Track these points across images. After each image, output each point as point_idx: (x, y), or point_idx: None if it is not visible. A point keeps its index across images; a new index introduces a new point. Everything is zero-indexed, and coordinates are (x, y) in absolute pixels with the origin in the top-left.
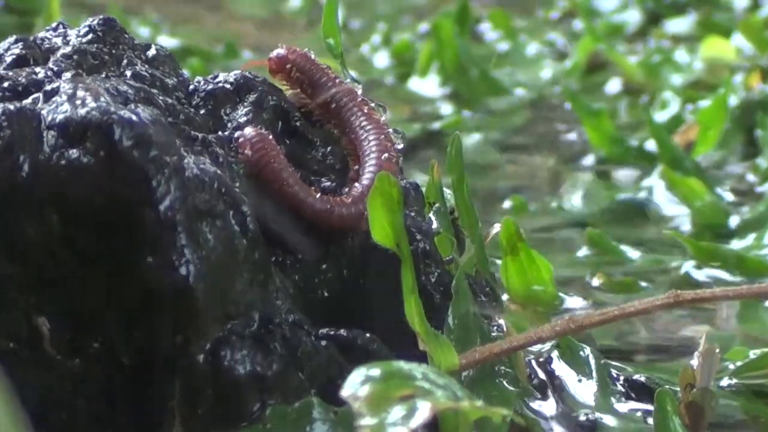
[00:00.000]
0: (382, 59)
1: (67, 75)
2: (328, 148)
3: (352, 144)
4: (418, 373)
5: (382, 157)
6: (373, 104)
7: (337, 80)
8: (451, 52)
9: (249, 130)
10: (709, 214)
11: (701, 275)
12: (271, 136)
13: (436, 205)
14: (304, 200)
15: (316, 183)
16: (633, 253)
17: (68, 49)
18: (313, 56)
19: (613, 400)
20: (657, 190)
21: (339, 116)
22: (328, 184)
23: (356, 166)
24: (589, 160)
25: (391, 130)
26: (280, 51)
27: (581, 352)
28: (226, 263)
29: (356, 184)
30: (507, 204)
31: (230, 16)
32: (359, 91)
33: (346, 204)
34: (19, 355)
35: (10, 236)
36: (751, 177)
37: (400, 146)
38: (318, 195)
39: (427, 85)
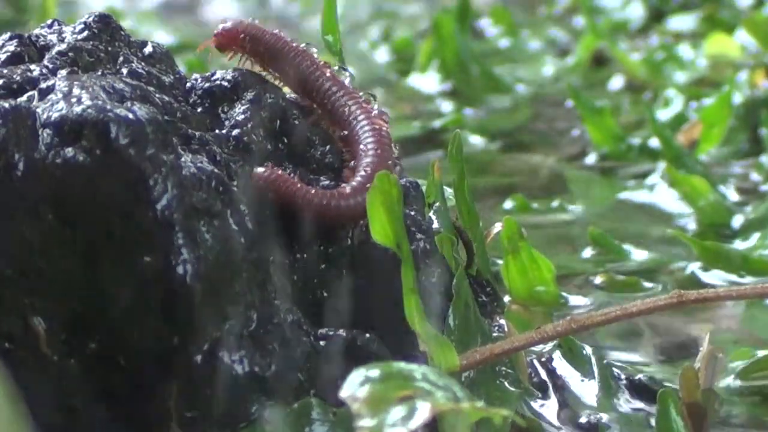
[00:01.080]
0: (381, 55)
1: (63, 72)
2: (327, 147)
3: (342, 130)
4: (418, 374)
5: (379, 150)
6: (350, 85)
7: (299, 48)
8: (451, 49)
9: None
10: (713, 214)
11: (705, 275)
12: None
13: (437, 204)
14: (303, 195)
15: (315, 181)
16: (636, 252)
17: (63, 46)
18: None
19: (615, 400)
20: (660, 189)
21: (324, 103)
22: (327, 182)
23: (350, 158)
24: (591, 158)
25: (377, 112)
26: (226, 24)
27: (583, 352)
28: (224, 263)
29: (355, 177)
30: (508, 203)
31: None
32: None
33: (345, 196)
34: (15, 355)
35: (6, 236)
36: (755, 176)
37: (390, 129)
38: (315, 190)
39: (427, 82)
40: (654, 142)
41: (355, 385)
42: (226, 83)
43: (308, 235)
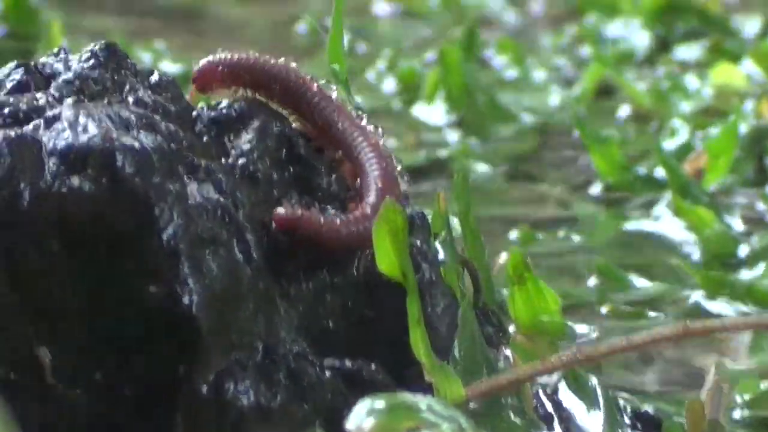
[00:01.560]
0: (388, 86)
1: (69, 101)
2: (333, 176)
3: (347, 158)
4: (424, 405)
5: (385, 178)
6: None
7: (308, 80)
8: (457, 79)
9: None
10: (719, 243)
11: (711, 305)
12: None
13: (442, 234)
14: (329, 229)
15: (322, 210)
16: (641, 282)
17: (70, 74)
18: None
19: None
20: (666, 219)
21: (328, 131)
22: (334, 212)
23: (355, 184)
24: (597, 187)
25: (380, 135)
26: (200, 65)
27: (589, 384)
28: (229, 293)
29: (361, 204)
30: (514, 233)
31: (237, 43)
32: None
33: (350, 223)
34: (20, 385)
35: (12, 264)
36: (761, 205)
37: (399, 168)
38: (320, 216)
39: (433, 112)
40: (660, 172)
41: (361, 417)
42: (232, 112)
43: (314, 264)
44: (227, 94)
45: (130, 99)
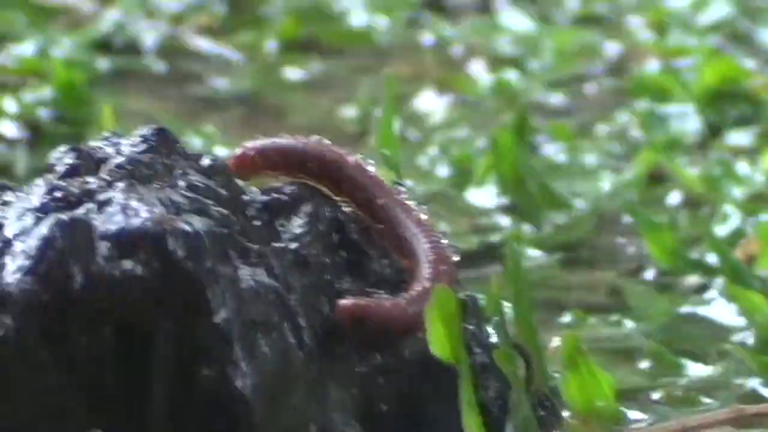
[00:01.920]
0: (441, 171)
1: (121, 185)
2: (385, 261)
3: (402, 245)
4: None
5: (438, 263)
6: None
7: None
8: (509, 164)
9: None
10: None
11: (765, 390)
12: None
13: (495, 318)
14: (398, 311)
15: (374, 295)
16: (695, 368)
17: (121, 159)
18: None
19: None
20: (718, 304)
21: (384, 218)
22: (386, 296)
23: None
24: (649, 273)
25: (441, 235)
26: (237, 152)
27: None
28: (282, 376)
29: (413, 288)
30: (567, 317)
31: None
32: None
33: (403, 306)
34: None
35: (64, 348)
36: None
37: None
38: (383, 301)
39: (485, 196)
40: (712, 257)
41: None
42: (284, 196)
43: (367, 347)
44: (270, 179)
45: (182, 183)
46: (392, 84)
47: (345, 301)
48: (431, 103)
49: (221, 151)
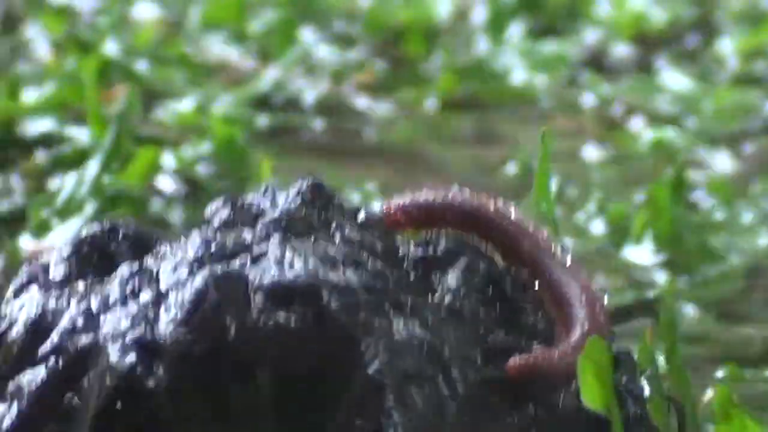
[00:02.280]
0: (597, 227)
1: (275, 238)
2: (539, 314)
3: (553, 297)
4: None
5: (591, 315)
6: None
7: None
8: (666, 220)
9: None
10: None
11: None
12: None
13: (648, 370)
14: (564, 360)
15: (528, 347)
16: None
17: (276, 212)
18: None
19: None
20: None
21: (531, 264)
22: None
23: (560, 321)
24: None
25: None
26: (392, 202)
27: None
28: (435, 428)
29: (572, 336)
30: (721, 371)
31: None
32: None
33: (566, 356)
34: None
35: (218, 398)
36: None
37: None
38: (548, 352)
39: (641, 252)
40: None
41: None
42: (438, 250)
43: (520, 398)
44: (421, 232)
45: (337, 237)
46: (549, 140)
47: (514, 360)
48: (590, 160)
49: (378, 206)
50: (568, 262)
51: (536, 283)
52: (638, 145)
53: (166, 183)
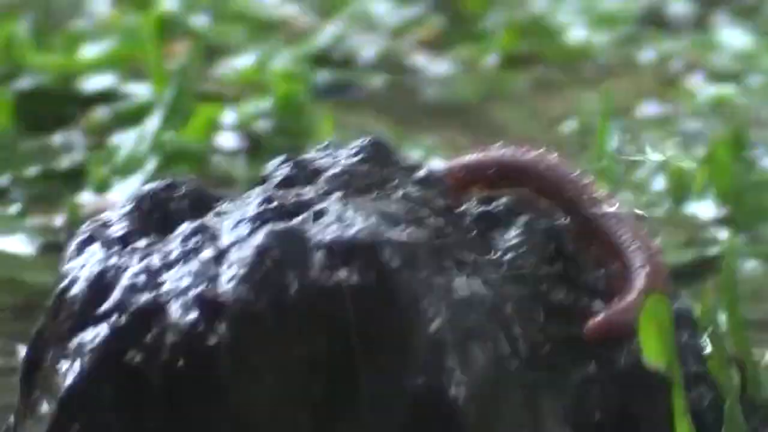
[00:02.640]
0: (657, 184)
1: (336, 195)
2: (601, 271)
3: (610, 248)
4: None
5: (651, 263)
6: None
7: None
8: (726, 177)
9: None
10: None
11: None
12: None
13: (709, 328)
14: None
15: (589, 305)
16: None
17: (337, 169)
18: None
19: None
20: None
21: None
22: (600, 306)
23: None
24: None
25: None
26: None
27: None
28: (496, 385)
29: (631, 291)
30: None
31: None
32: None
33: (626, 311)
34: None
35: (278, 357)
36: None
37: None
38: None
39: (702, 209)
40: None
41: None
42: (499, 208)
43: (580, 356)
44: (483, 192)
45: (397, 194)
46: (608, 98)
47: (592, 322)
48: (649, 116)
49: (438, 163)
50: (622, 213)
51: (592, 235)
52: (697, 102)
53: (227, 139)
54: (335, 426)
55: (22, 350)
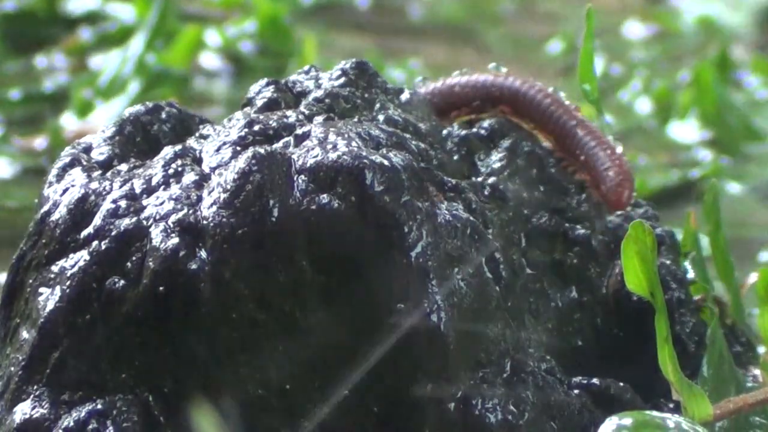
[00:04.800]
0: (641, 105)
1: (319, 119)
2: (583, 195)
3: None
4: (671, 423)
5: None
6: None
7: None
8: (710, 99)
9: None
10: None
11: None
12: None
13: (692, 253)
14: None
15: (571, 230)
16: None
17: (320, 92)
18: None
19: None
20: None
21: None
22: (583, 231)
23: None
24: None
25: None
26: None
27: None
28: (478, 310)
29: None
30: (765, 254)
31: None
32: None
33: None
34: (268, 403)
35: (260, 282)
36: None
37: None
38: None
39: (685, 131)
40: None
41: None
42: (482, 131)
43: (563, 282)
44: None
45: (380, 117)
46: (592, 18)
47: (614, 194)
48: (633, 37)
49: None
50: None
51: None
52: (682, 22)
53: (210, 60)
54: (316, 351)
55: (2, 275)
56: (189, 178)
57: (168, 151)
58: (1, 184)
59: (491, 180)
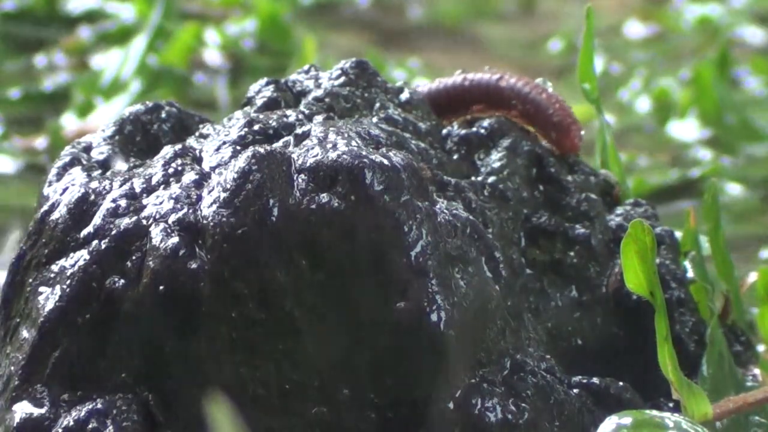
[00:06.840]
0: (641, 104)
1: (319, 118)
2: (583, 195)
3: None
4: (671, 422)
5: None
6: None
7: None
8: (710, 98)
9: None
10: None
11: None
12: None
13: (692, 253)
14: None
15: (571, 230)
16: None
17: (320, 92)
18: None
19: None
20: None
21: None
22: (582, 231)
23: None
24: None
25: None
26: (422, 88)
27: None
28: (478, 310)
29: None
30: (765, 252)
31: (490, 61)
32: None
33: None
34: (268, 402)
35: (260, 282)
36: None
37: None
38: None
39: (685, 130)
40: None
41: None
42: (482, 130)
43: (562, 283)
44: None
45: (380, 116)
46: (592, 17)
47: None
48: (633, 37)
49: (422, 85)
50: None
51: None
52: (682, 22)
53: (210, 59)
54: (318, 352)
55: (2, 275)
56: (189, 177)
57: (168, 151)
58: (1, 180)
59: (491, 179)
